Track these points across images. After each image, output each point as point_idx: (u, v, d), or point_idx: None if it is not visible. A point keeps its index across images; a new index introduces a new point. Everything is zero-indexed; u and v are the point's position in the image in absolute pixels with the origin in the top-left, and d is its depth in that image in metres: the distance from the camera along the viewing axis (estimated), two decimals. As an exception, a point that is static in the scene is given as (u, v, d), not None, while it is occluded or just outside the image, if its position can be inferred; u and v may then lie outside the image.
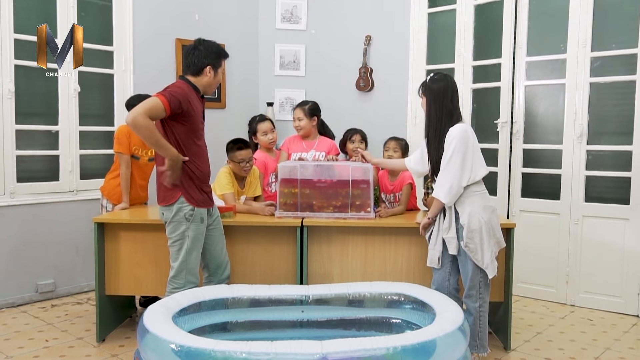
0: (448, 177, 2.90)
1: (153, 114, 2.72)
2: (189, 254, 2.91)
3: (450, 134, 2.91)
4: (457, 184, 2.89)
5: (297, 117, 3.91)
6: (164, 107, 2.73)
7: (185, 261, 2.91)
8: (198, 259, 2.98)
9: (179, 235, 2.90)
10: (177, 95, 2.78)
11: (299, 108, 3.93)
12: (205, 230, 2.98)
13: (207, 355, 2.13)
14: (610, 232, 3.97)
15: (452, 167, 2.89)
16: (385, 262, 3.32)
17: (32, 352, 3.17)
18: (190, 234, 2.89)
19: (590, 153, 4.05)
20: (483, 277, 2.95)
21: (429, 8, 4.81)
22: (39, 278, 4.13)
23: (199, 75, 2.95)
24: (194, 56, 2.93)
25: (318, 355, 2.11)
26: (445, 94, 2.97)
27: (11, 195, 3.97)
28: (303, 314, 2.89)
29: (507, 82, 4.32)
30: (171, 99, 2.75)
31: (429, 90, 2.99)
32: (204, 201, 2.95)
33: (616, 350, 3.31)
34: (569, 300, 4.15)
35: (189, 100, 2.84)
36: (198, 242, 2.94)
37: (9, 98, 3.91)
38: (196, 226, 2.91)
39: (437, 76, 3.03)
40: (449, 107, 2.97)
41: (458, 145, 2.88)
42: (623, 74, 3.93)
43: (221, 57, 3.00)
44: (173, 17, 4.73)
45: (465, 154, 2.90)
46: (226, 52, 3.06)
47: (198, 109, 2.93)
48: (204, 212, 2.95)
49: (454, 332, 2.34)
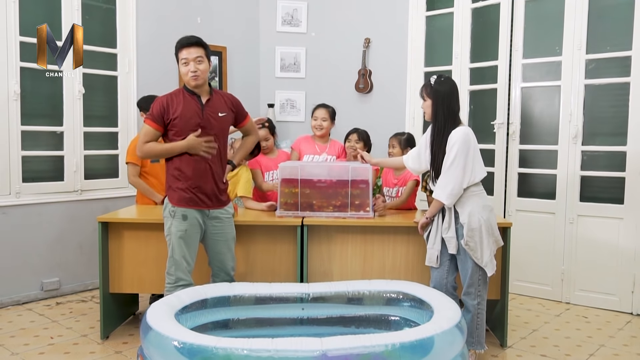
0: (450, 180, 2.92)
1: (148, 138, 2.92)
2: (174, 250, 2.92)
3: (453, 137, 2.92)
4: (458, 186, 2.91)
5: (321, 117, 3.87)
6: (151, 127, 2.91)
7: (172, 257, 2.93)
8: (185, 256, 2.93)
9: (167, 230, 2.96)
10: (155, 110, 2.90)
11: (324, 109, 3.89)
12: (192, 229, 2.94)
13: (209, 352, 2.15)
14: (604, 231, 3.99)
15: (454, 169, 2.91)
16: (384, 261, 3.33)
17: (38, 349, 3.19)
18: (173, 230, 2.92)
19: (585, 153, 4.08)
20: (482, 275, 2.97)
21: (426, 11, 4.85)
22: (44, 276, 4.16)
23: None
24: None
25: (318, 352, 2.13)
26: (452, 97, 2.98)
27: (17, 195, 4.00)
28: (303, 311, 2.90)
29: (504, 84, 4.35)
30: (153, 117, 2.90)
31: (436, 93, 2.97)
32: (187, 201, 2.92)
33: (610, 347, 3.33)
34: (564, 298, 4.18)
35: (168, 105, 2.89)
36: (181, 240, 2.91)
37: (14, 99, 3.94)
38: (178, 222, 2.91)
39: (442, 79, 3.02)
40: (454, 110, 2.98)
41: (461, 148, 2.90)
42: (617, 76, 3.95)
43: (177, 50, 2.92)
44: (175, 21, 4.76)
45: (467, 157, 2.92)
46: (180, 40, 2.92)
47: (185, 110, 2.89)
48: (188, 210, 2.92)
49: (451, 329, 2.36)
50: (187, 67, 2.88)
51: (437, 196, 2.98)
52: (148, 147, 2.92)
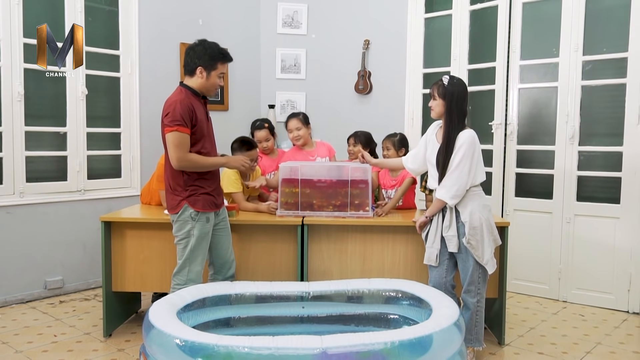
0: (455, 181, 2.93)
1: (184, 146, 2.80)
2: (193, 252, 2.91)
3: (461, 139, 2.94)
4: (462, 188, 2.93)
5: (295, 128, 3.83)
6: (183, 133, 2.80)
7: (189, 259, 2.92)
8: (202, 258, 2.96)
9: (185, 234, 2.91)
10: (183, 114, 2.79)
11: (295, 119, 3.86)
12: (211, 230, 2.98)
13: (211, 349, 2.17)
14: (601, 231, 4.01)
15: (460, 171, 2.92)
16: (383, 260, 3.34)
17: (41, 347, 3.21)
18: (195, 232, 2.90)
19: (581, 154, 4.10)
20: (482, 274, 2.99)
21: (425, 13, 4.87)
22: (47, 275, 4.18)
23: (193, 75, 2.91)
24: (189, 56, 2.91)
25: (318, 349, 2.15)
26: (465, 99, 3.01)
27: (21, 194, 4.02)
28: (304, 309, 2.93)
29: (502, 85, 4.37)
30: (182, 122, 2.78)
31: (451, 94, 2.97)
32: (210, 204, 2.95)
33: (607, 345, 3.35)
34: (561, 297, 4.20)
35: (193, 109, 2.84)
36: (203, 241, 2.93)
37: (18, 100, 3.97)
38: (201, 225, 2.91)
39: (455, 80, 3.02)
40: (464, 111, 3.01)
41: (468, 150, 2.92)
42: (613, 77, 3.96)
43: (217, 60, 2.89)
44: (177, 22, 4.79)
45: (472, 159, 2.94)
46: (226, 55, 2.94)
47: (201, 113, 2.92)
48: (210, 213, 2.96)
49: (449, 327, 2.38)
50: (220, 80, 2.96)
51: (440, 196, 2.98)
52: (190, 158, 2.82)
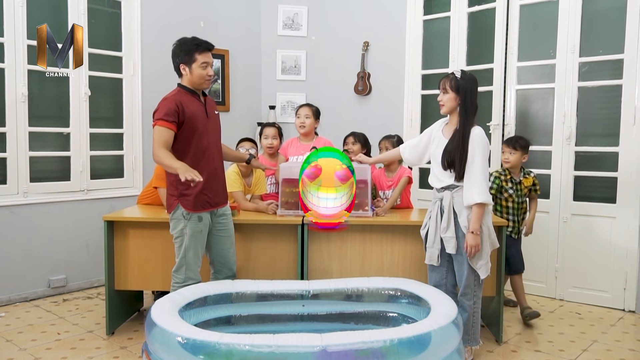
0: (480, 177, 2.87)
1: (160, 140, 2.76)
2: (187, 251, 2.92)
3: (476, 136, 2.90)
4: (486, 183, 2.90)
5: (304, 115, 3.79)
6: (162, 127, 2.78)
7: (184, 257, 2.92)
8: (197, 256, 2.96)
9: (179, 232, 2.92)
10: (169, 109, 2.79)
11: (307, 107, 3.83)
12: (205, 229, 2.97)
13: (212, 347, 2.19)
14: (597, 230, 4.04)
15: (480, 168, 2.87)
16: (382, 259, 3.36)
17: (45, 345, 3.24)
18: (187, 231, 2.90)
19: (578, 154, 4.13)
20: (477, 277, 2.98)
21: (424, 15, 4.90)
22: (51, 273, 4.21)
23: (181, 75, 2.94)
24: (172, 58, 2.96)
25: (318, 347, 2.17)
26: (477, 94, 2.98)
27: (24, 194, 4.05)
28: (304, 308, 2.95)
29: (499, 86, 4.40)
30: (163, 117, 2.78)
31: (464, 89, 2.91)
32: (202, 204, 2.93)
33: (603, 343, 3.37)
34: (558, 295, 4.23)
35: (182, 105, 2.84)
36: (196, 240, 2.93)
37: (22, 101, 4.00)
38: (194, 224, 2.91)
39: (468, 75, 2.97)
40: (476, 106, 2.97)
41: (485, 148, 2.90)
42: (610, 79, 3.99)
43: (192, 52, 2.87)
44: (179, 24, 4.79)
45: (485, 157, 2.92)
46: (200, 44, 2.88)
47: (194, 110, 2.90)
48: (202, 212, 2.94)
49: (448, 325, 2.40)
50: (206, 71, 2.90)
51: (472, 200, 2.86)
52: (162, 154, 2.75)
